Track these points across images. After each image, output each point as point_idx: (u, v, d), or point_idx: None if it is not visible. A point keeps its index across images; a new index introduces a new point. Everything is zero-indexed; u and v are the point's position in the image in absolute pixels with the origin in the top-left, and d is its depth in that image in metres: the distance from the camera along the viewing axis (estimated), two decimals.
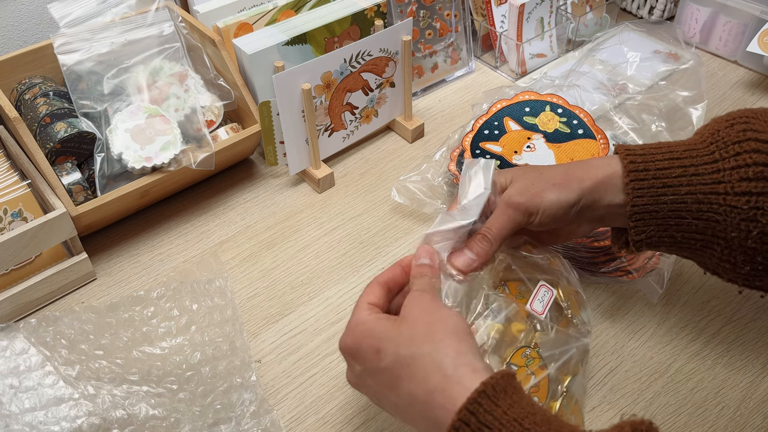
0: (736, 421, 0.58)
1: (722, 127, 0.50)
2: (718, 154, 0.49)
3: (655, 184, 0.50)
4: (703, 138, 0.51)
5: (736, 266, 0.50)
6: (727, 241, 0.49)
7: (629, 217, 0.51)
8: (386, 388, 0.46)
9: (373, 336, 0.47)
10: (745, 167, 0.47)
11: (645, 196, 0.50)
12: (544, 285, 0.59)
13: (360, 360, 0.47)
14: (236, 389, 0.59)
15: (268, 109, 0.77)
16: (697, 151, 0.50)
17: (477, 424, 0.39)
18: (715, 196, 0.48)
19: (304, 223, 0.80)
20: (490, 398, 0.40)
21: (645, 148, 0.52)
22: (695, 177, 0.49)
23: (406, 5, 0.93)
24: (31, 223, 0.66)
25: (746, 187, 0.47)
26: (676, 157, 0.50)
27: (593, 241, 0.67)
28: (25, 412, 0.56)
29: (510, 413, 0.40)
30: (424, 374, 0.43)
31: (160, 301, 0.64)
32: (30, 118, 0.74)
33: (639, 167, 0.51)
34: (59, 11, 0.79)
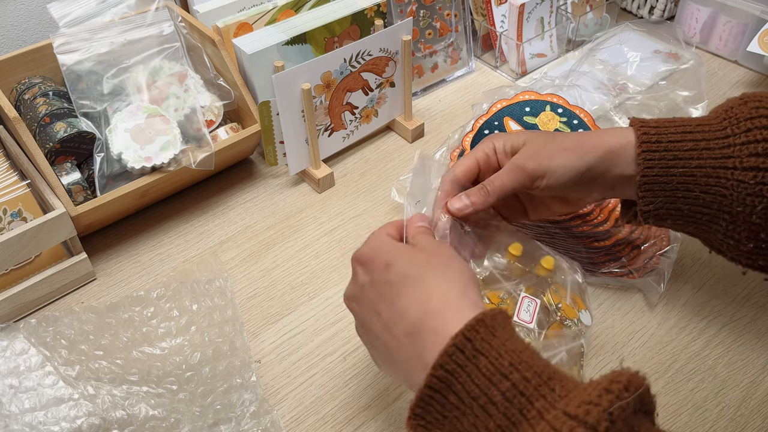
0: (737, 421, 0.58)
1: (736, 104, 0.51)
2: (730, 129, 0.49)
3: (666, 156, 0.51)
4: (717, 114, 0.51)
5: (740, 243, 0.50)
6: (732, 216, 0.49)
7: (639, 187, 0.52)
8: (383, 302, 0.45)
9: (389, 252, 0.47)
10: (755, 143, 0.48)
11: (655, 167, 0.51)
12: (527, 296, 0.60)
13: (369, 269, 0.47)
14: (236, 389, 0.59)
15: (267, 109, 0.77)
16: (710, 126, 0.51)
17: (472, 351, 0.39)
18: (724, 171, 0.49)
19: (304, 223, 0.80)
20: (489, 328, 0.40)
21: (659, 122, 0.53)
22: (706, 151, 0.50)
23: (406, 5, 0.93)
24: (30, 223, 0.66)
25: (755, 162, 0.47)
26: (689, 131, 0.51)
27: (593, 241, 0.67)
28: (25, 412, 0.56)
29: (508, 344, 0.39)
30: (425, 295, 0.43)
31: (160, 301, 0.64)
32: (29, 118, 0.74)
33: (651, 138, 0.51)
34: (59, 11, 0.79)
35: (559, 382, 0.37)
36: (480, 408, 0.38)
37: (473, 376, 0.38)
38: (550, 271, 0.63)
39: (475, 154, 0.56)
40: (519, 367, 0.38)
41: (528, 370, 0.38)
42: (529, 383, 0.37)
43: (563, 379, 0.38)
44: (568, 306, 0.61)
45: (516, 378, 0.37)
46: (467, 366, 0.38)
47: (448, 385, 0.39)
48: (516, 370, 0.38)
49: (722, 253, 0.53)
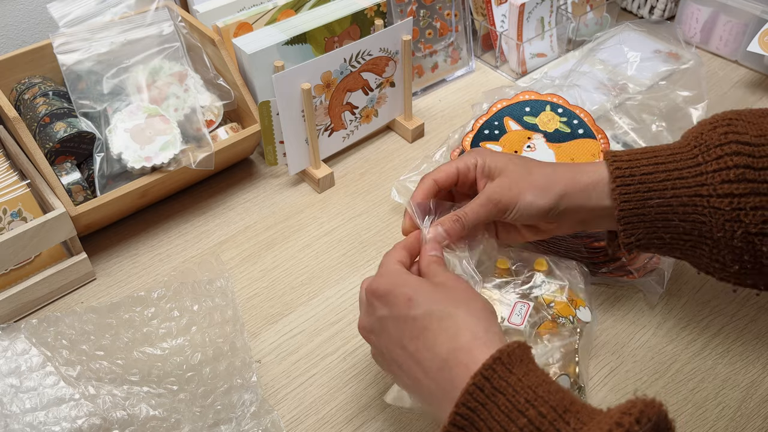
0: (737, 421, 0.58)
1: (706, 130, 0.51)
2: (701, 157, 0.50)
3: (641, 188, 0.51)
4: (688, 141, 0.52)
5: (725, 266, 0.51)
6: (714, 241, 0.50)
7: (618, 220, 0.53)
8: (407, 337, 0.46)
9: (408, 285, 0.48)
10: (726, 170, 0.48)
11: (632, 200, 0.52)
12: (519, 301, 0.61)
13: (389, 304, 0.48)
14: (237, 390, 0.59)
15: (267, 108, 0.77)
16: (681, 154, 0.51)
17: (491, 389, 0.40)
18: (699, 198, 0.49)
19: (304, 223, 0.80)
20: (505, 365, 0.41)
21: (630, 154, 0.54)
22: (679, 180, 0.50)
23: (406, 5, 0.93)
24: (30, 223, 0.66)
25: (728, 188, 0.48)
26: (661, 162, 0.52)
27: (593, 241, 0.67)
28: (25, 412, 0.56)
29: (524, 380, 0.40)
30: (454, 331, 0.44)
31: (161, 301, 0.64)
32: (29, 117, 0.74)
33: (625, 173, 0.52)
34: (58, 11, 0.79)
35: (574, 415, 0.38)
36: None
37: (493, 413, 0.39)
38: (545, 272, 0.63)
39: (457, 164, 0.57)
40: (535, 403, 0.39)
41: (543, 405, 0.39)
42: (544, 418, 0.38)
43: (579, 411, 0.39)
44: (563, 304, 0.61)
45: (532, 414, 0.39)
46: (487, 404, 0.40)
47: (470, 422, 0.40)
48: (532, 407, 0.39)
49: (711, 274, 0.53)
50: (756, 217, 0.47)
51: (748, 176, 0.47)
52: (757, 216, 0.47)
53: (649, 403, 0.36)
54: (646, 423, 0.35)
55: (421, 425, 0.59)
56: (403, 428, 0.59)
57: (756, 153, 0.48)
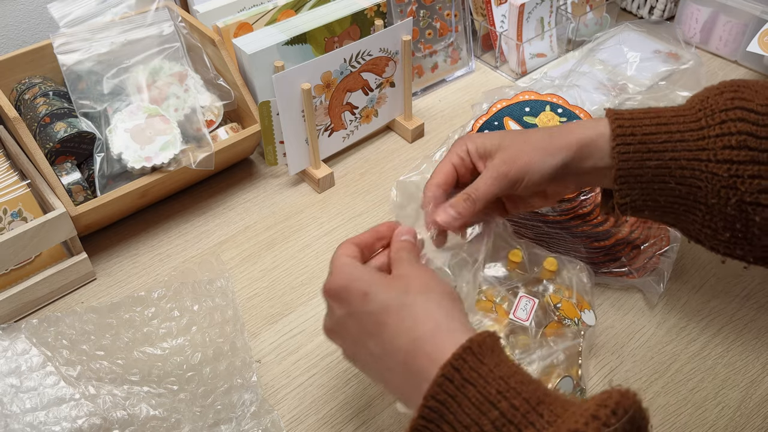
0: (736, 421, 0.58)
1: (712, 95, 0.50)
2: (705, 121, 0.49)
3: (641, 149, 0.50)
4: (693, 104, 0.51)
5: (716, 233, 0.50)
6: (707, 207, 0.49)
7: (615, 180, 0.52)
8: (367, 334, 0.45)
9: (363, 280, 0.46)
10: (728, 135, 0.47)
11: (630, 160, 0.51)
12: (524, 296, 0.60)
13: (345, 302, 0.46)
14: (237, 390, 0.59)
15: (267, 108, 0.77)
16: (685, 117, 0.50)
17: (461, 380, 0.39)
18: (698, 163, 0.48)
19: (304, 223, 0.80)
20: (475, 355, 0.39)
21: (634, 113, 0.52)
22: (680, 143, 0.49)
23: (406, 5, 0.93)
24: (30, 223, 0.66)
25: (728, 155, 0.47)
26: (663, 123, 0.51)
27: (593, 241, 0.67)
28: (26, 412, 0.56)
29: (496, 371, 0.39)
30: (412, 322, 0.43)
31: (161, 301, 0.64)
32: (30, 118, 0.74)
33: (626, 131, 0.51)
34: (59, 11, 0.79)
35: (548, 407, 0.37)
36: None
37: (463, 405, 0.38)
38: (554, 273, 0.63)
39: (450, 159, 0.56)
40: (507, 395, 0.38)
41: (516, 397, 0.38)
42: (517, 411, 0.37)
43: (552, 403, 0.37)
44: (570, 305, 0.62)
45: (504, 406, 0.37)
46: (457, 396, 0.38)
47: (440, 415, 0.39)
48: (504, 398, 0.38)
49: (700, 242, 0.52)
50: (752, 185, 0.47)
51: (749, 144, 0.47)
52: (753, 184, 0.47)
53: (624, 394, 0.35)
54: (623, 415, 0.34)
55: None
56: (403, 428, 0.59)
57: (760, 121, 0.47)
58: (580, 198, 0.66)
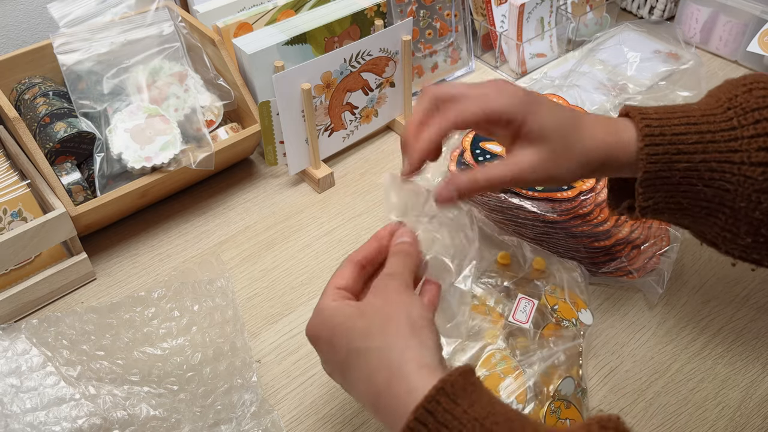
0: (736, 421, 0.58)
1: (740, 92, 0.48)
2: (737, 121, 0.46)
3: (670, 150, 0.48)
4: (720, 103, 0.48)
5: (737, 237, 0.48)
6: (733, 210, 0.47)
7: (640, 183, 0.49)
8: (343, 376, 0.46)
9: (329, 327, 0.46)
10: (764, 136, 0.45)
11: (659, 162, 0.48)
12: (523, 297, 0.60)
13: (319, 348, 0.48)
14: (237, 390, 0.59)
15: (267, 108, 0.77)
16: (714, 116, 0.48)
17: (435, 424, 0.37)
18: (730, 165, 0.46)
19: (304, 223, 0.80)
20: (449, 396, 0.38)
21: (660, 112, 0.50)
22: (711, 144, 0.47)
23: (406, 5, 0.93)
24: (30, 223, 0.66)
25: (764, 157, 0.45)
26: (693, 123, 0.48)
27: (593, 241, 0.67)
28: (26, 412, 0.56)
29: (470, 412, 0.38)
30: (369, 372, 0.42)
31: (161, 301, 0.64)
32: (29, 118, 0.74)
33: (654, 131, 0.48)
34: (59, 11, 0.79)
35: None
36: None
37: None
38: (543, 272, 0.64)
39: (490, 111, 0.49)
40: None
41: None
42: None
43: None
44: (566, 306, 0.62)
45: None
46: None
47: None
48: None
49: (715, 246, 0.51)
50: None
51: None
52: None
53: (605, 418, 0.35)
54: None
55: None
56: None
57: None
58: (580, 198, 0.66)
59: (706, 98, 0.50)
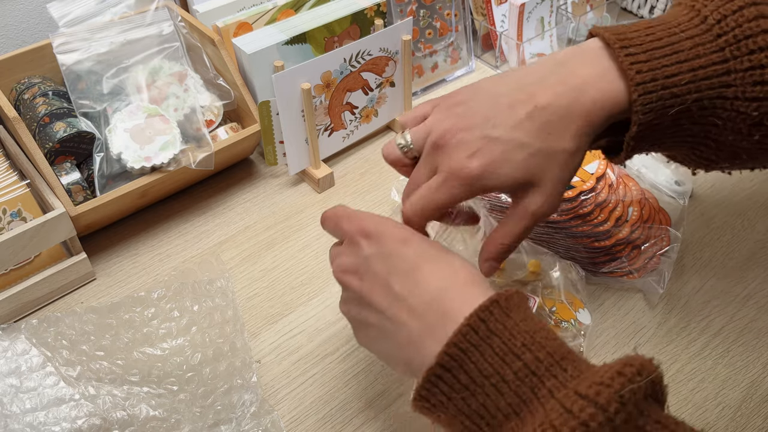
0: (737, 421, 0.58)
1: (729, 12, 0.42)
2: (729, 52, 0.42)
3: (664, 95, 0.43)
4: (709, 27, 0.43)
5: (713, 163, 0.47)
6: (718, 143, 0.45)
7: (632, 137, 0.45)
8: (395, 273, 0.43)
9: (403, 229, 0.46)
10: (760, 69, 0.41)
11: (652, 111, 0.43)
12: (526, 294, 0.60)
13: (379, 242, 0.45)
14: (237, 390, 0.59)
15: (267, 108, 0.77)
16: (704, 47, 0.43)
17: (486, 331, 0.38)
18: (722, 101, 0.43)
19: (304, 223, 0.80)
20: (503, 308, 0.39)
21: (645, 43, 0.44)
22: (704, 81, 0.42)
23: (406, 5, 0.93)
24: (30, 223, 0.66)
25: (759, 92, 0.41)
26: (684, 59, 0.43)
27: (593, 241, 0.67)
28: (26, 412, 0.56)
29: (522, 325, 0.38)
30: (449, 273, 0.42)
31: (161, 302, 0.64)
32: (29, 117, 0.74)
33: (646, 77, 0.43)
34: (58, 11, 0.79)
35: (572, 363, 0.37)
36: (492, 387, 0.37)
37: (486, 355, 0.37)
38: (538, 274, 0.63)
39: None
40: (532, 348, 0.37)
41: (541, 351, 0.37)
42: (541, 363, 0.37)
43: (576, 360, 0.37)
44: (564, 307, 0.62)
45: (528, 358, 0.37)
46: (481, 345, 0.38)
47: (460, 364, 0.38)
48: (528, 351, 0.37)
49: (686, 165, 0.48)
50: None
51: None
52: None
53: (648, 361, 0.36)
54: (647, 377, 0.34)
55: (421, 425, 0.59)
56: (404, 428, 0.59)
57: None
58: (581, 198, 0.66)
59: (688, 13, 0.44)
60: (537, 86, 0.46)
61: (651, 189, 0.74)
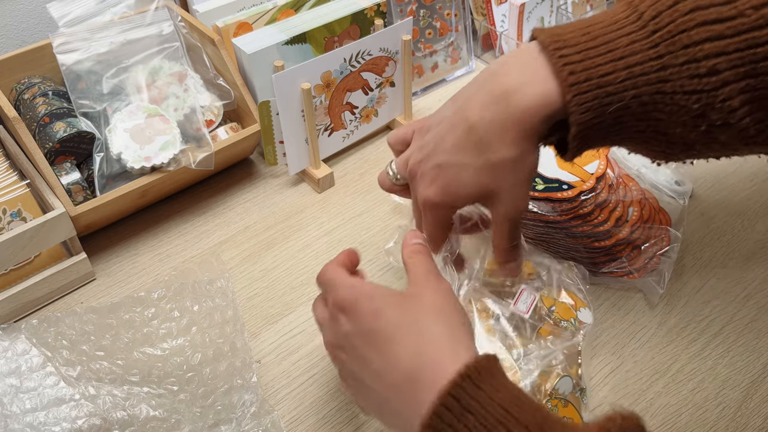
0: (737, 421, 0.58)
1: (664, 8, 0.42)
2: (664, 47, 0.42)
3: (600, 94, 0.43)
4: (645, 23, 0.43)
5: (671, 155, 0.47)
6: (667, 135, 0.45)
7: (573, 137, 0.44)
8: (372, 351, 0.44)
9: (374, 297, 0.45)
10: (695, 63, 0.40)
11: (589, 110, 0.43)
12: (526, 289, 0.60)
13: (354, 318, 0.45)
14: (237, 390, 0.59)
15: (267, 108, 0.77)
16: (640, 44, 0.42)
17: (459, 409, 0.38)
18: (661, 96, 0.42)
19: (304, 223, 0.80)
20: (474, 381, 0.38)
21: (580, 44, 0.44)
22: (641, 78, 0.42)
23: (406, 5, 0.93)
24: (30, 223, 0.66)
25: (697, 84, 0.41)
26: (619, 57, 0.43)
27: (593, 242, 0.67)
28: (26, 412, 0.56)
29: (495, 398, 0.38)
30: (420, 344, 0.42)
31: (161, 302, 0.64)
32: (29, 117, 0.74)
33: (580, 78, 0.43)
34: (58, 11, 0.79)
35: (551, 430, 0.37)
36: None
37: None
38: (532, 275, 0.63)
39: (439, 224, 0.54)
40: (506, 422, 0.37)
41: (516, 426, 0.37)
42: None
43: (554, 427, 0.37)
44: (564, 306, 0.61)
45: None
46: (455, 425, 0.38)
47: None
48: (503, 426, 0.37)
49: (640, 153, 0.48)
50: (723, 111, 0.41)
51: (719, 67, 0.40)
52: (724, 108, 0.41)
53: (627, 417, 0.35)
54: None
55: None
56: None
57: (727, 32, 0.39)
58: (581, 198, 0.66)
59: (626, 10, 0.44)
60: (469, 103, 0.48)
61: (651, 189, 0.74)
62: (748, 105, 0.40)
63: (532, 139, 0.46)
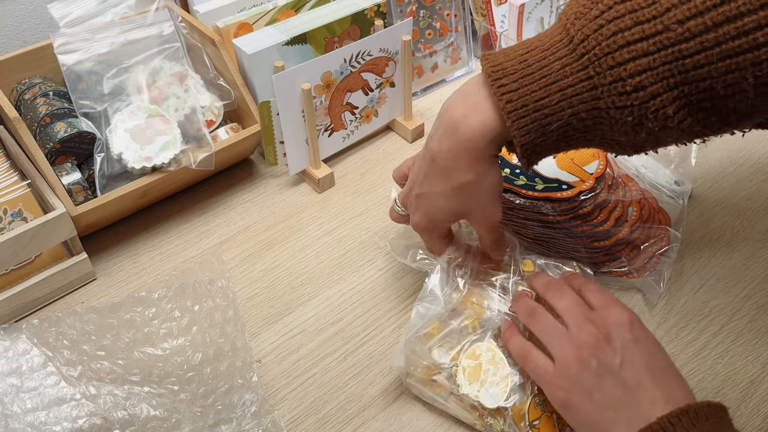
0: (737, 421, 0.58)
1: (590, 32, 0.45)
2: (592, 69, 0.45)
3: (537, 116, 0.47)
4: (575, 47, 0.46)
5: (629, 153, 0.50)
6: (615, 140, 0.48)
7: (521, 155, 0.49)
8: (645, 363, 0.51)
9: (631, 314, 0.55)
10: (621, 81, 0.44)
11: (531, 132, 0.48)
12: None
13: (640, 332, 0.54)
14: (237, 390, 0.59)
15: (267, 109, 0.77)
16: (571, 67, 0.46)
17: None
18: (598, 111, 0.46)
19: (304, 223, 0.80)
20: (691, 419, 0.44)
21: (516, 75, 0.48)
22: (575, 98, 0.46)
23: (406, 5, 0.93)
24: (30, 223, 0.66)
25: (626, 100, 0.44)
26: (552, 81, 0.47)
27: (593, 241, 0.67)
28: (26, 412, 0.56)
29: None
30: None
31: (162, 302, 0.64)
32: (30, 118, 0.74)
33: (517, 105, 0.47)
34: (59, 11, 0.79)
35: None
36: None
37: None
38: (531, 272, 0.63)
39: None
40: None
41: None
42: None
43: None
44: None
45: None
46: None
47: None
48: None
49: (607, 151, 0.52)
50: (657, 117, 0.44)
51: (644, 83, 0.43)
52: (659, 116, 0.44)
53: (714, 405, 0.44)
54: None
55: (421, 425, 0.59)
56: (403, 428, 0.59)
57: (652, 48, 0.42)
58: (580, 198, 0.66)
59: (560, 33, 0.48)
60: (433, 136, 0.54)
61: (650, 189, 0.74)
62: (685, 109, 0.44)
63: (485, 162, 0.52)
